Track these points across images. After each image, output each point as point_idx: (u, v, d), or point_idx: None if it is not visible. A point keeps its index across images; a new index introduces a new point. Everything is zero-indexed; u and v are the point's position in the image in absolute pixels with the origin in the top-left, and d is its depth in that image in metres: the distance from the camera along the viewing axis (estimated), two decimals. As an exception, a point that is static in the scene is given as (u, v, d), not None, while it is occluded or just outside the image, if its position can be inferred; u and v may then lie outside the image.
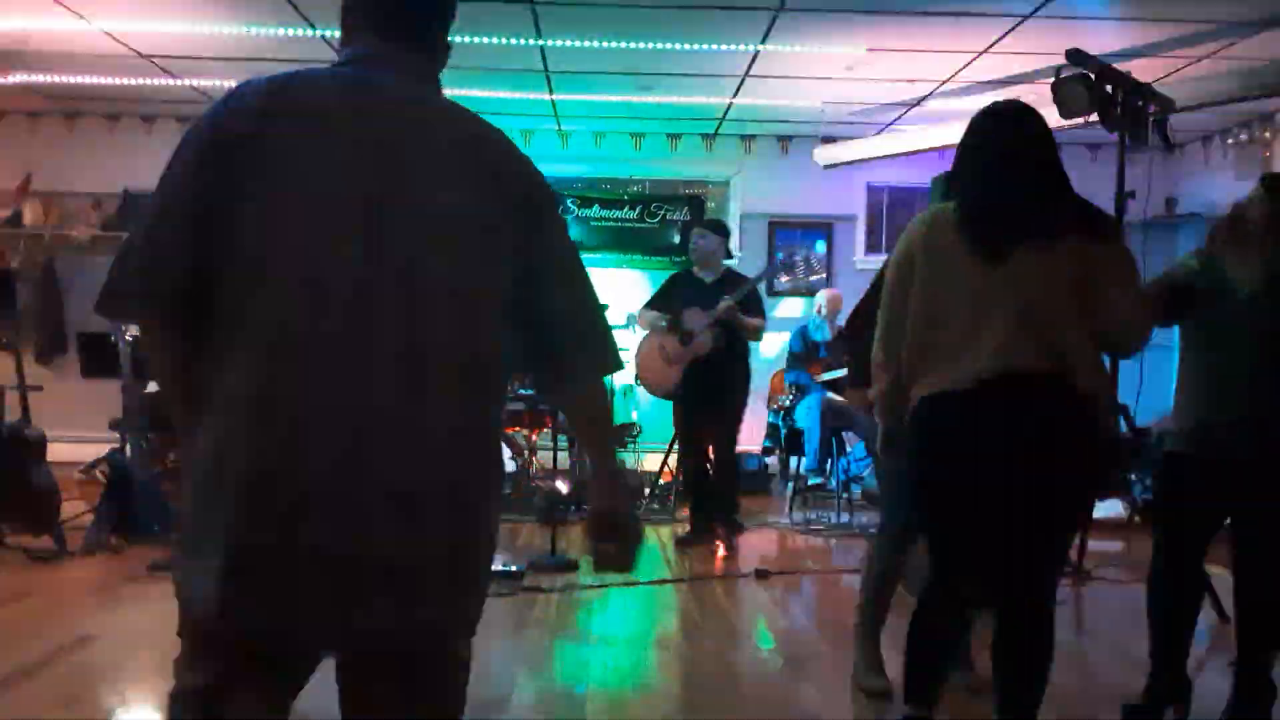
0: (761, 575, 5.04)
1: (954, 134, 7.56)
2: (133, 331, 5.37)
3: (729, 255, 6.07)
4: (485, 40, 5.99)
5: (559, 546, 5.25)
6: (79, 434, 7.37)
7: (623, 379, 6.32)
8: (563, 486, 6.00)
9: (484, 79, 6.95)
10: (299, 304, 1.38)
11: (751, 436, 7.97)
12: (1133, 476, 6.09)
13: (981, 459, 2.44)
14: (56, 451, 5.48)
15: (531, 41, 6.05)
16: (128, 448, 5.55)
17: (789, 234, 8.55)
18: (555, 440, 5.47)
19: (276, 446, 1.37)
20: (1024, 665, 2.53)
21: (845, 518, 6.56)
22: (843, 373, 6.19)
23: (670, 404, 5.98)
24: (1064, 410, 2.38)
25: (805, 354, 7.00)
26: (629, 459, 7.13)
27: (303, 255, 1.39)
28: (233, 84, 1.52)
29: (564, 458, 6.92)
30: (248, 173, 1.41)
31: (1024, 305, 2.37)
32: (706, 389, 5.66)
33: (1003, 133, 2.50)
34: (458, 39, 1.69)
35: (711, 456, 5.95)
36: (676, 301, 5.79)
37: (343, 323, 1.38)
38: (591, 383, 1.62)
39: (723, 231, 5.98)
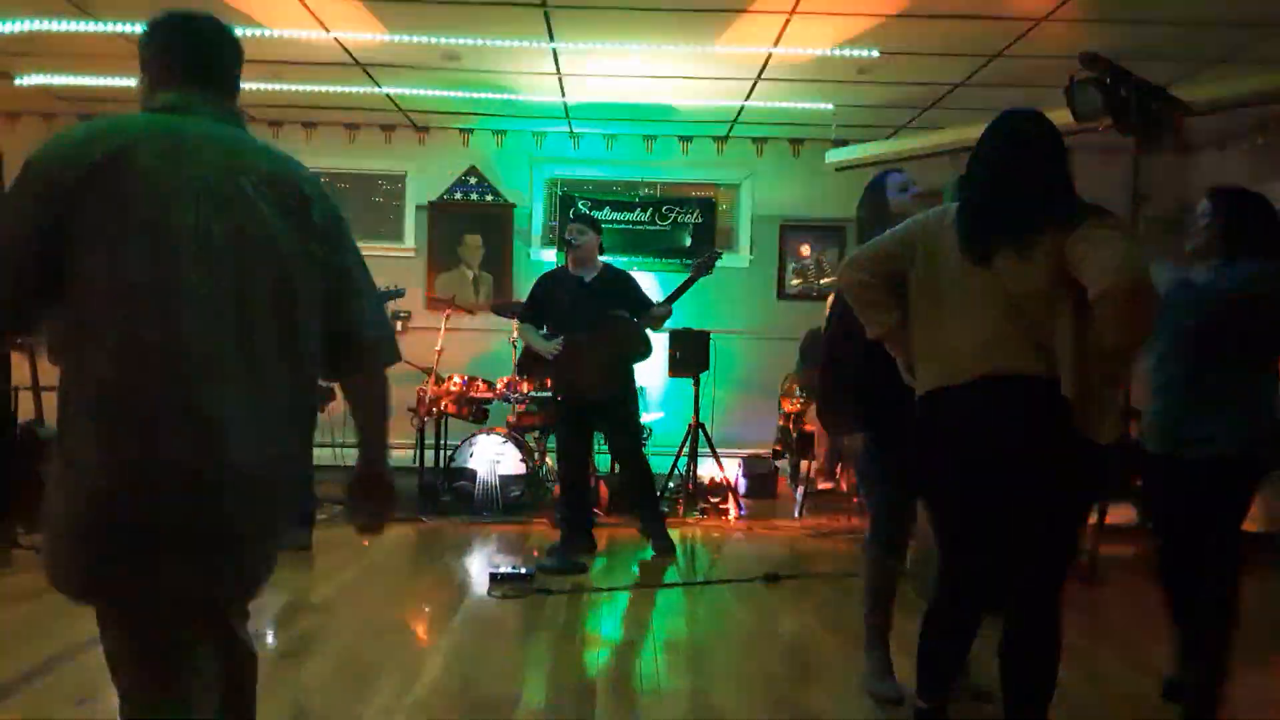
0: (771, 579, 5.03)
1: (967, 136, 7.55)
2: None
3: (603, 251, 5.80)
4: (497, 43, 6.01)
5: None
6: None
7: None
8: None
9: (496, 82, 6.98)
10: (147, 317, 1.64)
11: (762, 439, 7.98)
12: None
13: (972, 458, 2.51)
14: (69, 451, 5.50)
15: (544, 44, 6.06)
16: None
17: (801, 236, 8.54)
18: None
19: (136, 444, 1.62)
20: (1028, 669, 2.55)
21: (856, 521, 6.55)
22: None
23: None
24: (1047, 413, 2.39)
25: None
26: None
27: (149, 276, 1.65)
28: (252, 86, 1.56)
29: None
30: (87, 217, 1.65)
31: (1008, 305, 2.43)
32: (602, 386, 5.43)
33: (1000, 139, 2.56)
34: (471, 41, 1.76)
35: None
36: (557, 304, 5.52)
37: (187, 331, 1.65)
38: (378, 371, 1.96)
39: (598, 228, 5.71)
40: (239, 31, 1.99)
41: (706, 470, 7.31)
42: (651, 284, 8.06)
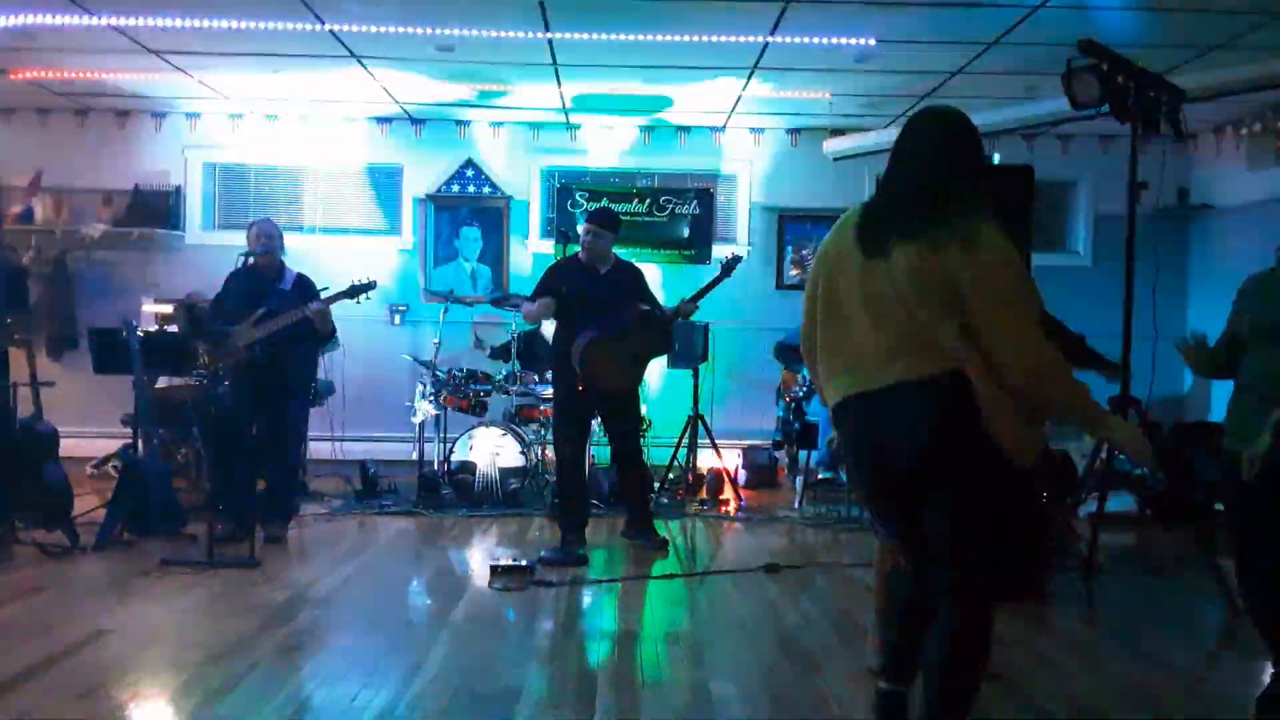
0: (772, 569, 5.03)
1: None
2: (145, 327, 5.37)
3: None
4: (493, 34, 5.99)
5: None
6: (91, 430, 7.41)
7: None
8: None
9: (492, 72, 6.96)
10: None
11: (762, 430, 7.98)
12: (1138, 472, 6.02)
13: (885, 463, 2.51)
14: (69, 447, 5.50)
15: (540, 35, 6.04)
16: (139, 443, 5.56)
17: (798, 226, 8.52)
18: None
19: None
20: (938, 663, 2.49)
21: (856, 511, 6.55)
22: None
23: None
24: (954, 415, 2.36)
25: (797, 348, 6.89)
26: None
27: None
28: (243, 78, 1.53)
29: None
30: None
31: (909, 307, 2.38)
32: (629, 382, 5.49)
33: (906, 137, 2.58)
34: (466, 33, 1.71)
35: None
36: (578, 295, 5.43)
37: None
38: None
39: (616, 228, 5.63)
40: (230, 24, 1.88)
41: (706, 461, 7.32)
42: (653, 275, 8.07)
